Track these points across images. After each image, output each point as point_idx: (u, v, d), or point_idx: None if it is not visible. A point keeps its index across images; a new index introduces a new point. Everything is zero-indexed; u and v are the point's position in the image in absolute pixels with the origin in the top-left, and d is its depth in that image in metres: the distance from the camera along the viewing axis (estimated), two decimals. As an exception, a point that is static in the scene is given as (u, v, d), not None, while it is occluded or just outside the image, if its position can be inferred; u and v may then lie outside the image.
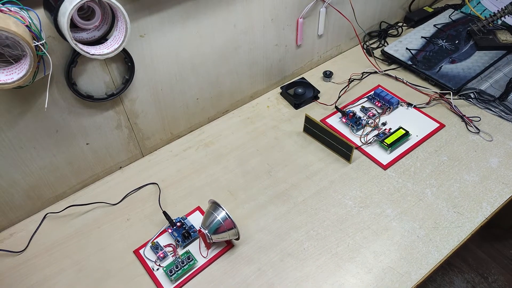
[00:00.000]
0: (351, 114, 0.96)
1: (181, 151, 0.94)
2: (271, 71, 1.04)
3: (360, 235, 0.76)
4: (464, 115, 0.95)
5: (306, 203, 0.82)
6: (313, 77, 1.10)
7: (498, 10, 1.08)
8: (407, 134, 0.91)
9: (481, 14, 1.22)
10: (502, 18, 1.09)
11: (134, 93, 0.81)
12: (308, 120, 0.93)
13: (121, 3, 0.68)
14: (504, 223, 1.47)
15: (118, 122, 0.83)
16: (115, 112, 0.81)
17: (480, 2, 1.27)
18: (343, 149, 0.88)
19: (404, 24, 1.25)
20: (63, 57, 0.69)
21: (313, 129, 0.93)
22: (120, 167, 0.90)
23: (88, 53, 0.59)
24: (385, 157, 0.88)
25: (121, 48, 0.62)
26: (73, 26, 0.61)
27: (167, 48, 0.80)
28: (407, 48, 1.11)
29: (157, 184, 0.86)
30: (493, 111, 0.97)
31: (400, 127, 0.92)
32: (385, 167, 0.87)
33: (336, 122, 0.97)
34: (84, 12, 0.62)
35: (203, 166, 0.90)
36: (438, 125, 0.95)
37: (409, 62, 1.08)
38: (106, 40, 0.65)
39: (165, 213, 0.78)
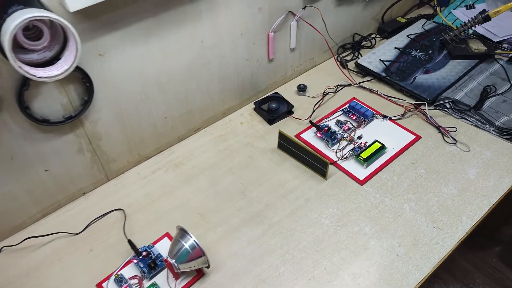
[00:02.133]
0: (326, 128, 0.93)
1: (150, 173, 0.89)
2: (244, 86, 1.01)
3: (338, 256, 0.72)
4: (440, 126, 0.93)
5: (281, 224, 0.78)
6: (287, 91, 1.08)
7: (468, 20, 1.08)
8: (383, 147, 0.89)
9: (453, 23, 1.22)
10: (473, 28, 1.09)
11: (95, 114, 0.77)
12: (281, 136, 0.90)
13: (77, 21, 0.65)
14: (487, 232, 1.46)
15: (79, 146, 0.78)
16: (75, 135, 0.77)
17: (451, 12, 1.27)
18: (318, 165, 0.85)
19: (378, 36, 1.24)
20: (13, 79, 0.64)
21: (287, 145, 0.90)
22: (84, 193, 0.85)
23: (35, 75, 0.54)
24: (361, 172, 0.86)
25: (71, 69, 0.58)
26: (20, 46, 0.57)
27: (130, 66, 0.76)
28: (380, 60, 1.10)
29: (122, 210, 0.81)
30: (469, 120, 0.95)
31: (376, 141, 0.90)
32: (362, 183, 0.84)
33: (311, 137, 0.94)
34: (32, 32, 0.58)
35: (172, 189, 0.86)
36: (414, 137, 0.93)
37: (383, 74, 1.07)
38: (59, 60, 0.61)
39: (130, 241, 0.73)
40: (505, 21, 1.18)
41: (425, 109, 0.97)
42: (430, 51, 1.12)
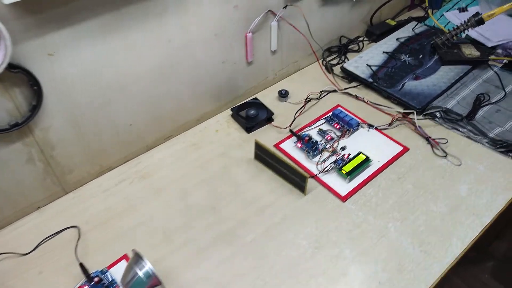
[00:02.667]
0: (307, 138, 0.86)
1: (113, 186, 0.81)
2: (220, 91, 0.93)
3: (314, 282, 0.65)
4: (430, 137, 0.87)
5: (254, 244, 0.71)
6: (268, 97, 1.00)
7: (461, 23, 1.02)
8: (367, 160, 0.82)
9: (445, 27, 1.15)
10: (466, 31, 1.03)
11: (47, 121, 0.69)
12: (258, 147, 0.82)
13: (17, 15, 0.57)
14: (479, 247, 1.40)
15: (29, 156, 0.70)
16: (24, 144, 0.68)
17: (443, 14, 1.21)
18: (296, 179, 0.78)
19: (366, 39, 1.17)
20: None
21: (264, 156, 0.82)
22: (38, 208, 0.77)
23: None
24: (344, 187, 0.78)
25: (0, 71, 0.50)
26: None
27: (85, 67, 0.68)
28: (367, 65, 1.03)
29: (77, 227, 0.73)
30: (460, 131, 0.89)
31: (360, 152, 0.83)
32: (343, 199, 0.77)
33: (290, 147, 0.87)
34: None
35: (137, 203, 0.78)
36: (402, 148, 0.86)
37: (370, 80, 1.00)
38: (-5, 60, 0.53)
39: (81, 265, 0.65)
40: (499, 25, 1.12)
41: (414, 118, 0.90)
42: (420, 56, 1.06)
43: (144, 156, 0.87)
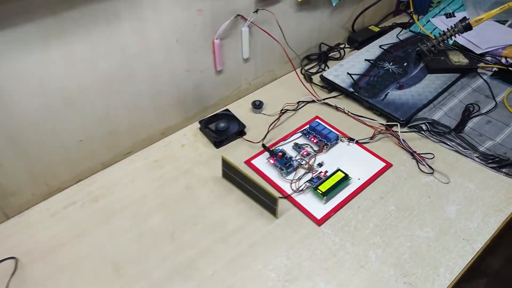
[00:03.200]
0: (280, 153, 0.78)
1: (61, 209, 0.72)
2: (186, 102, 0.85)
3: (283, 323, 0.57)
4: (415, 152, 0.79)
5: (216, 278, 0.62)
6: (242, 108, 0.93)
7: (447, 29, 0.95)
8: (346, 178, 0.74)
9: (431, 33, 1.09)
10: (453, 37, 0.97)
11: (-24, 138, 0.60)
12: (225, 164, 0.74)
13: None
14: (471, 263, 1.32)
15: (-43, 178, 0.61)
16: (-51, 165, 0.60)
17: (429, 20, 1.15)
18: (267, 201, 0.70)
19: (347, 46, 1.10)
20: None
21: (232, 174, 0.74)
22: (-27, 235, 0.68)
23: None
24: (320, 209, 0.70)
25: None
26: None
27: (23, 77, 0.60)
28: (348, 73, 0.96)
29: (15, 259, 0.64)
30: (448, 145, 0.81)
31: (338, 170, 0.75)
32: (319, 222, 0.68)
33: (263, 164, 0.79)
34: None
35: (86, 229, 0.69)
36: (384, 164, 0.78)
37: (351, 89, 0.92)
38: None
39: (10, 307, 0.56)
40: (488, 31, 1.06)
41: (398, 131, 0.82)
42: (405, 64, 0.99)
43: (99, 175, 0.78)
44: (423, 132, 0.84)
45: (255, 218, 0.70)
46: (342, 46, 1.08)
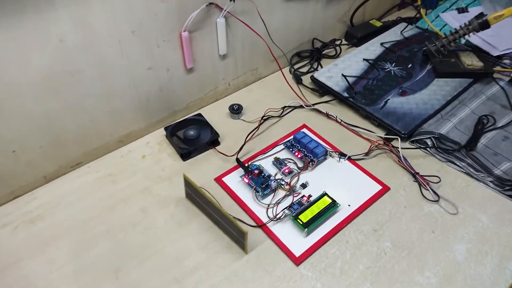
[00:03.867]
0: (257, 171, 0.65)
1: (-12, 233, 0.60)
2: (149, 105, 0.72)
3: None
4: (417, 173, 0.66)
5: (165, 331, 0.50)
6: (218, 112, 0.80)
7: (460, 26, 0.82)
8: (333, 204, 0.61)
9: (440, 30, 0.96)
10: (466, 37, 0.83)
11: None
12: (188, 184, 0.62)
13: None
14: None
15: None
16: None
17: (439, 15, 1.01)
18: (234, 233, 0.57)
19: (344, 42, 0.97)
20: None
21: (196, 197, 0.62)
22: None
23: None
24: (299, 243, 0.58)
25: None
26: None
27: None
28: (343, 75, 0.82)
29: None
30: (458, 165, 0.69)
31: (325, 194, 0.62)
32: (297, 261, 0.56)
33: (236, 183, 0.66)
34: None
35: (15, 259, 0.56)
36: (381, 187, 0.65)
37: (345, 94, 0.79)
38: None
39: None
40: (508, 31, 0.92)
41: (398, 147, 0.70)
42: (409, 65, 0.86)
43: (41, 190, 0.66)
44: (428, 149, 0.71)
45: (221, 252, 0.57)
46: (338, 42, 0.95)
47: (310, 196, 0.63)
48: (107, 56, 0.61)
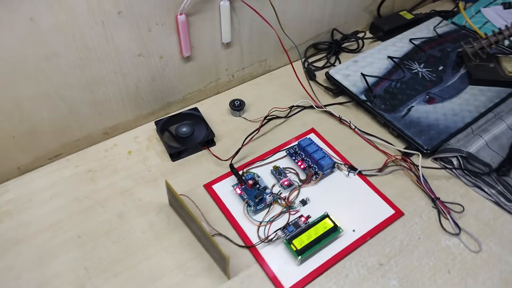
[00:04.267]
0: (251, 181, 0.57)
1: None
2: (139, 95, 0.65)
3: None
4: (438, 198, 0.57)
5: None
6: (217, 106, 0.72)
7: (506, 26, 0.70)
8: (335, 229, 0.53)
9: (480, 28, 0.84)
10: (511, 38, 0.72)
11: None
12: (170, 192, 0.54)
13: None
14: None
15: None
16: None
17: (480, 11, 0.89)
18: (215, 254, 0.50)
19: (368, 35, 0.86)
20: None
21: (177, 208, 0.55)
22: None
23: None
24: (291, 272, 0.50)
25: None
26: None
27: None
28: (362, 74, 0.72)
29: None
30: (486, 192, 0.59)
31: (327, 216, 0.54)
32: (286, 295, 0.48)
33: (227, 192, 0.59)
34: None
35: (-27, 263, 0.51)
36: (394, 212, 0.56)
37: (363, 97, 0.70)
38: None
39: None
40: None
41: (418, 164, 0.60)
42: (440, 68, 0.75)
43: (13, 182, 0.59)
44: (453, 171, 0.61)
45: (199, 275, 0.50)
46: (361, 35, 0.84)
47: (308, 217, 0.54)
48: (88, 39, 0.53)
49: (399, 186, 0.60)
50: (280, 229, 0.53)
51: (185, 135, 0.64)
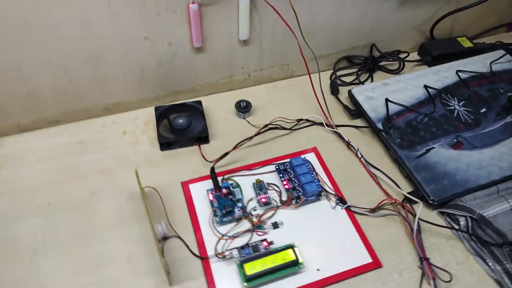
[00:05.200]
0: (225, 190, 0.54)
1: None
2: (144, 78, 0.64)
3: None
4: (427, 258, 0.49)
5: None
6: (224, 104, 0.69)
7: None
8: (295, 263, 0.48)
9: (550, 72, 0.71)
10: None
11: None
12: (139, 182, 0.53)
13: None
14: None
15: None
16: None
17: (558, 51, 0.75)
18: (163, 260, 0.48)
19: (413, 57, 0.77)
20: None
21: (142, 200, 0.53)
22: None
23: None
24: (235, 297, 0.47)
25: None
26: None
27: None
28: (387, 99, 0.65)
29: None
30: (489, 266, 0.50)
31: (291, 246, 0.49)
32: (221, 320, 0.45)
33: (200, 195, 0.56)
34: None
35: (-48, 206, 0.54)
36: (371, 260, 0.50)
37: (380, 125, 0.62)
38: None
39: None
40: None
41: (417, 214, 0.52)
42: (483, 110, 0.65)
43: (12, 139, 0.62)
44: (458, 232, 0.53)
45: (145, 274, 0.48)
46: (404, 55, 0.75)
47: (271, 243, 0.50)
48: (91, 15, 0.53)
49: (388, 234, 0.53)
50: (238, 248, 0.49)
51: (180, 126, 0.62)
